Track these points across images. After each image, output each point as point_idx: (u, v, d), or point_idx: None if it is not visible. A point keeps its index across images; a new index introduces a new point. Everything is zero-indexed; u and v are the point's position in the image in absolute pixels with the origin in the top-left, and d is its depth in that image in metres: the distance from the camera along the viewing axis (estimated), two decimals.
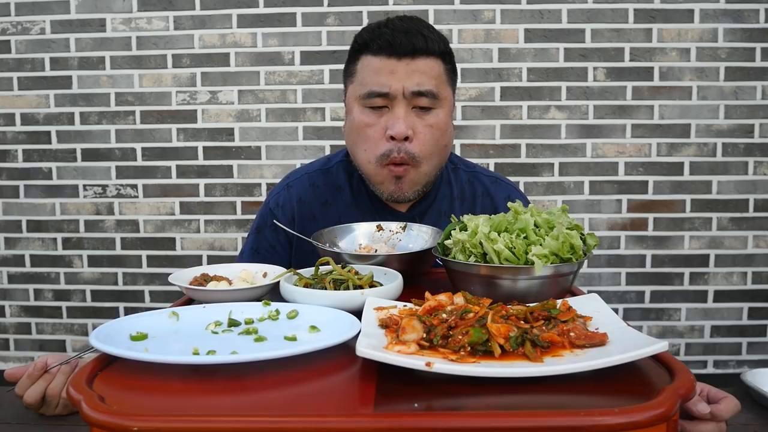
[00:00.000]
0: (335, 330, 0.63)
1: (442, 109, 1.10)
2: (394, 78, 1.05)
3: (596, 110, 2.30)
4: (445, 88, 1.12)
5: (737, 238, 2.33)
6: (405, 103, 1.06)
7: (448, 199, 1.23)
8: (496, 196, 1.25)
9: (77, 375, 0.53)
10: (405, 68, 1.05)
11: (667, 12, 2.24)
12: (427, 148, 1.09)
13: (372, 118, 1.08)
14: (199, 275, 0.89)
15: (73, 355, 0.97)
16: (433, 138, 1.09)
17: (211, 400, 0.50)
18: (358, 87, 1.09)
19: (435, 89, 1.07)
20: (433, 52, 1.08)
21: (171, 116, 2.35)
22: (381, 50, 1.06)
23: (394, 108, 1.06)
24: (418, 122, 1.08)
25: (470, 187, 1.26)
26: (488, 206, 1.24)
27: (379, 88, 1.06)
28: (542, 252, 0.75)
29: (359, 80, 1.10)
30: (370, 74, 1.07)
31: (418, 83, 1.05)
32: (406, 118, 1.06)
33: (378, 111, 1.08)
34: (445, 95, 1.11)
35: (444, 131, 1.12)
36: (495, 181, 1.28)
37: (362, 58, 1.09)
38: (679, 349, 2.37)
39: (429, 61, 1.07)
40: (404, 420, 0.46)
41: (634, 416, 0.44)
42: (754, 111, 2.27)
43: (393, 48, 1.05)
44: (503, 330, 0.56)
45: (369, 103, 1.08)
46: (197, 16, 2.30)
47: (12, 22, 2.32)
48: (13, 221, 2.41)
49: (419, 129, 1.08)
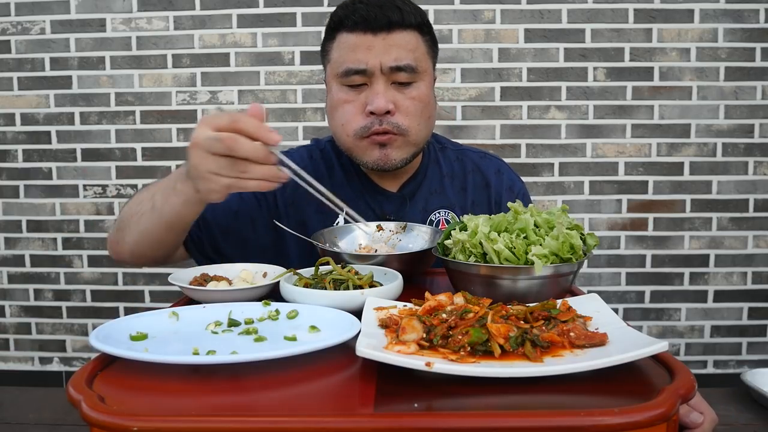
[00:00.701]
0: (335, 330, 0.63)
1: (422, 81, 1.08)
2: (371, 54, 1.03)
3: (596, 110, 2.30)
4: (425, 60, 1.09)
5: (737, 238, 2.33)
6: (384, 78, 1.04)
7: (438, 177, 1.20)
8: (486, 171, 1.23)
9: (77, 375, 0.53)
10: (382, 43, 1.03)
11: (667, 12, 2.24)
12: (413, 119, 1.07)
13: (351, 95, 1.06)
14: (199, 275, 0.89)
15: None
16: (417, 109, 1.07)
17: (211, 400, 0.50)
18: (336, 65, 1.07)
19: (414, 63, 1.05)
20: (409, 25, 1.05)
21: (171, 116, 2.35)
22: (356, 26, 1.04)
23: (373, 84, 1.04)
24: (399, 96, 1.06)
25: (459, 164, 1.24)
26: (479, 181, 1.22)
27: (356, 65, 1.03)
28: (542, 252, 0.75)
29: (336, 58, 1.07)
30: (347, 51, 1.05)
31: (396, 58, 1.03)
32: (386, 92, 1.04)
33: (357, 88, 1.06)
34: (425, 68, 1.08)
35: (427, 103, 1.09)
36: (483, 156, 1.27)
37: (338, 36, 1.07)
38: (679, 349, 2.37)
39: (406, 34, 1.04)
40: (404, 420, 0.46)
41: (634, 416, 0.44)
42: (754, 111, 2.27)
43: (368, 23, 1.02)
44: (503, 330, 0.56)
45: (347, 81, 1.06)
46: (197, 16, 2.30)
47: (12, 22, 2.32)
48: (13, 221, 2.41)
49: (401, 102, 1.06)
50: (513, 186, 1.25)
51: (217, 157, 0.75)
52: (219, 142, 0.73)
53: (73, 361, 2.47)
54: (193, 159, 0.77)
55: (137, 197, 0.97)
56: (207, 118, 0.77)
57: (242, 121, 0.74)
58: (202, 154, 0.75)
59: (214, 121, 0.75)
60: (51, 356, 2.47)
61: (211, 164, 0.75)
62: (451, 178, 1.22)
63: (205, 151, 0.75)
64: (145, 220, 0.92)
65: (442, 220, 1.16)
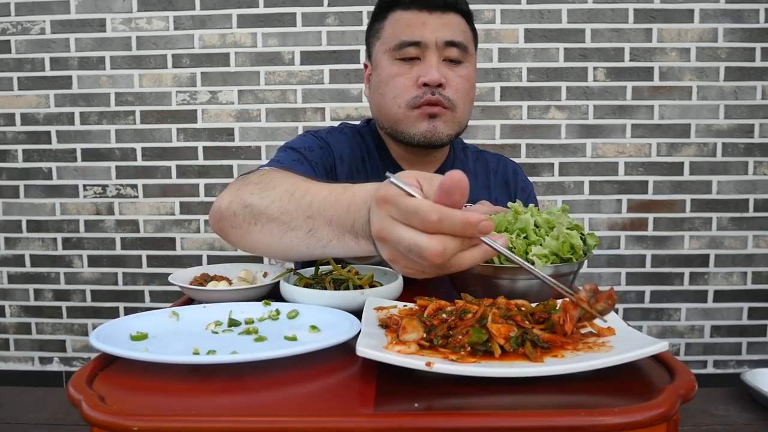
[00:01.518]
0: (335, 330, 0.63)
1: (470, 63, 1.13)
2: (426, 29, 1.07)
3: (596, 110, 2.30)
4: (471, 45, 1.14)
5: (737, 238, 2.33)
6: (437, 53, 1.08)
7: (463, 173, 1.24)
8: (505, 172, 1.30)
9: (77, 375, 0.53)
10: (437, 21, 1.08)
11: (667, 12, 2.24)
12: (461, 96, 1.11)
13: (403, 68, 1.09)
14: (199, 275, 0.89)
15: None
16: (465, 88, 1.11)
17: (211, 400, 0.50)
18: (389, 40, 1.10)
19: (465, 42, 1.10)
20: (461, 10, 1.11)
21: (171, 116, 2.35)
22: (412, 4, 1.08)
23: (426, 58, 1.08)
24: (450, 73, 1.09)
25: (482, 164, 1.30)
26: (500, 181, 1.29)
27: (412, 37, 1.07)
28: (542, 252, 0.75)
29: (389, 33, 1.11)
30: (402, 26, 1.09)
31: (451, 34, 1.08)
32: (440, 67, 1.08)
33: (409, 62, 1.09)
34: (472, 51, 1.14)
35: (473, 85, 1.14)
36: (499, 159, 1.34)
37: (391, 14, 1.11)
38: (679, 349, 2.37)
39: (458, 17, 1.10)
40: (404, 420, 0.46)
41: (634, 416, 0.44)
42: (754, 111, 2.27)
43: (424, 1, 1.07)
44: (503, 330, 0.56)
45: (400, 54, 1.09)
46: (197, 16, 2.30)
47: (12, 22, 2.32)
48: (13, 221, 2.41)
49: (452, 78, 1.09)
50: (525, 187, 1.31)
51: (416, 261, 0.55)
52: (422, 259, 0.53)
53: (73, 361, 2.47)
54: (386, 254, 0.58)
55: (279, 202, 0.77)
56: (391, 204, 0.54)
57: (445, 224, 0.52)
58: (398, 253, 0.56)
59: (405, 217, 0.53)
60: (51, 356, 2.47)
61: (414, 265, 0.57)
62: (474, 175, 1.27)
63: (401, 254, 0.56)
64: (296, 239, 0.75)
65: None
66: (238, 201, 0.82)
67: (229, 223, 0.84)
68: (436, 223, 0.51)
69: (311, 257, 0.77)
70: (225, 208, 0.85)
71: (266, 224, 0.78)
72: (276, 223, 0.76)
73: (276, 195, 0.77)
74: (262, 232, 0.79)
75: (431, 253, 0.52)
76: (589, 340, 0.58)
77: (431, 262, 0.52)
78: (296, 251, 0.77)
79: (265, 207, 0.78)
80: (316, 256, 0.77)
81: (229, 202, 0.84)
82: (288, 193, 0.76)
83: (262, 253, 0.86)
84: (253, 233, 0.80)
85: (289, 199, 0.75)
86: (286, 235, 0.76)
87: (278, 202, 0.76)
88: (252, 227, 0.80)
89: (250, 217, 0.80)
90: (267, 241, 0.79)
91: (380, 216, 0.56)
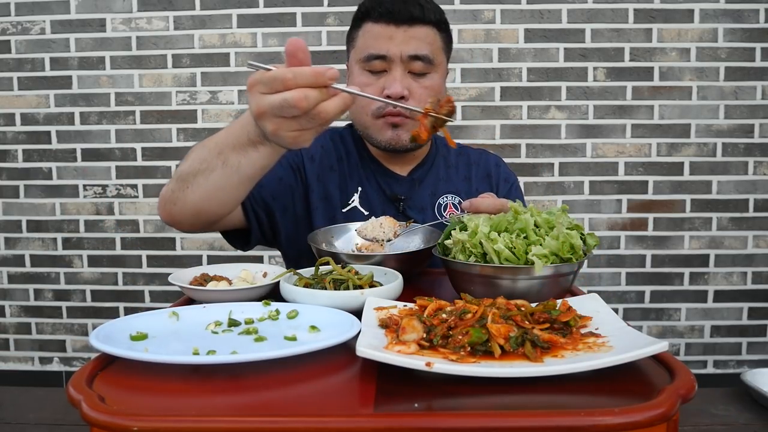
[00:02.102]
0: (335, 330, 0.63)
1: (436, 73, 1.17)
2: (392, 43, 1.12)
3: (596, 110, 2.30)
4: (440, 55, 1.18)
5: (737, 238, 2.33)
6: (402, 66, 1.13)
7: (444, 167, 1.30)
8: (486, 165, 1.34)
9: (77, 375, 0.53)
10: (403, 35, 1.12)
11: (667, 12, 2.24)
12: (424, 105, 1.13)
13: (371, 79, 1.15)
14: (199, 275, 0.89)
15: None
16: (429, 97, 1.14)
17: (211, 400, 0.50)
18: (359, 51, 1.16)
19: (430, 54, 1.14)
20: (429, 21, 1.14)
21: (171, 116, 2.35)
22: (381, 17, 1.13)
23: (391, 70, 1.13)
24: (414, 84, 1.14)
25: (463, 158, 1.34)
26: (481, 173, 1.32)
27: (378, 51, 1.13)
28: (542, 252, 0.75)
29: (360, 45, 1.17)
30: (371, 39, 1.14)
31: (415, 48, 1.12)
32: (403, 79, 1.13)
33: (377, 74, 1.15)
34: (440, 61, 1.18)
35: (438, 93, 1.18)
36: (482, 153, 1.38)
37: (364, 25, 1.16)
38: (679, 349, 2.37)
39: (425, 29, 1.14)
40: (404, 420, 0.46)
41: (634, 416, 0.44)
42: (754, 111, 2.27)
43: (392, 15, 1.12)
44: (503, 330, 0.56)
45: (368, 66, 1.15)
46: (197, 16, 2.30)
47: (12, 22, 2.32)
48: (13, 221, 2.41)
49: (415, 89, 1.14)
50: (508, 177, 1.35)
51: (291, 118, 0.72)
52: (291, 108, 0.70)
53: (73, 361, 2.47)
54: (269, 126, 0.74)
55: (196, 155, 0.93)
56: (257, 82, 0.72)
57: (299, 77, 0.70)
58: (276, 120, 0.73)
59: (269, 84, 0.70)
60: (51, 356, 2.47)
61: (292, 125, 0.73)
62: (456, 169, 1.31)
63: (277, 117, 0.72)
64: (217, 177, 0.89)
65: (449, 204, 1.25)
66: (173, 181, 0.97)
67: (171, 201, 0.97)
68: (292, 80, 0.69)
69: (235, 188, 0.91)
70: (164, 193, 0.99)
71: (194, 180, 0.92)
72: (200, 175, 0.90)
73: (194, 155, 0.94)
74: (193, 189, 0.93)
75: (295, 98, 0.68)
76: (589, 340, 0.58)
77: (299, 107, 0.68)
78: (223, 189, 0.91)
79: (189, 166, 0.93)
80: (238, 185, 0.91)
81: (167, 187, 0.99)
82: (201, 146, 0.93)
83: (199, 209, 0.96)
84: (188, 195, 0.94)
85: (202, 150, 0.92)
86: (209, 180, 0.90)
87: (197, 157, 0.92)
88: (186, 192, 0.94)
89: (182, 184, 0.94)
90: (199, 195, 0.93)
91: (253, 97, 0.73)
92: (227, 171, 0.88)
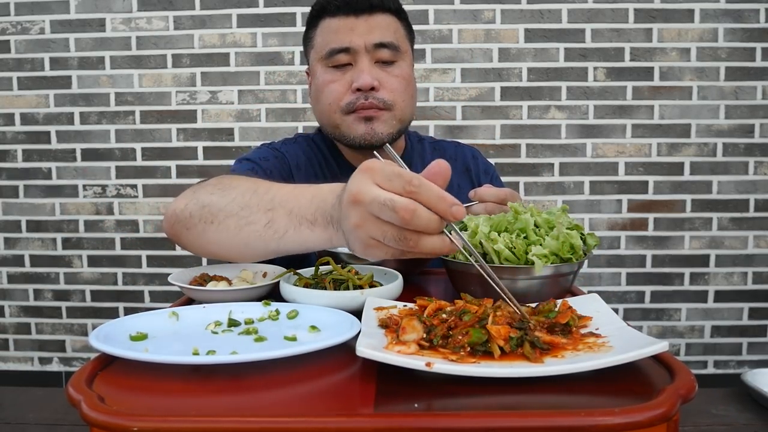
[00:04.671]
0: (335, 330, 0.63)
1: (404, 61, 1.13)
2: (354, 34, 1.07)
3: (596, 110, 2.30)
4: (405, 42, 1.14)
5: (737, 238, 2.33)
6: (368, 56, 1.08)
7: (421, 165, 1.26)
8: (464, 158, 1.30)
9: (77, 375, 0.53)
10: (364, 24, 1.08)
11: (667, 12, 2.24)
12: (397, 95, 1.11)
13: (336, 75, 1.10)
14: (199, 275, 0.89)
15: None
16: (401, 86, 1.12)
17: (211, 400, 0.50)
18: (320, 48, 1.11)
19: (395, 41, 1.10)
20: (388, 9, 1.11)
21: (171, 116, 2.35)
22: (339, 10, 1.08)
23: (357, 62, 1.09)
24: (383, 74, 1.10)
25: (439, 153, 1.30)
26: (460, 167, 1.28)
27: (341, 44, 1.08)
28: (542, 252, 0.75)
29: (320, 42, 1.12)
30: (331, 34, 1.09)
31: (380, 36, 1.08)
32: (371, 70, 1.08)
33: (342, 69, 1.10)
34: (405, 48, 1.14)
35: (409, 81, 1.14)
36: (458, 145, 1.34)
37: (321, 22, 1.12)
38: (679, 349, 2.37)
39: (386, 16, 1.10)
40: (404, 420, 0.46)
41: (634, 416, 0.44)
42: (754, 111, 2.27)
43: (350, 6, 1.08)
44: (503, 331, 0.56)
45: (332, 62, 1.10)
46: (197, 16, 2.30)
47: (12, 22, 2.32)
48: (13, 221, 2.41)
49: (385, 79, 1.10)
50: (488, 169, 1.32)
51: (384, 224, 0.59)
52: (393, 212, 0.57)
53: (72, 361, 2.47)
54: (354, 218, 0.60)
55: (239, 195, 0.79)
56: (375, 171, 0.59)
57: (423, 191, 0.57)
58: (367, 216, 0.59)
59: (389, 178, 0.58)
60: (51, 356, 2.47)
61: (377, 231, 0.59)
62: None
63: (371, 214, 0.59)
64: (252, 233, 0.76)
65: None
66: (195, 202, 0.84)
67: (184, 225, 0.85)
68: (415, 188, 0.56)
69: (264, 253, 0.79)
70: (180, 211, 0.86)
71: (223, 221, 0.79)
72: (234, 218, 0.77)
73: (237, 193, 0.79)
74: (218, 229, 0.80)
75: (403, 206, 0.55)
76: (589, 340, 0.58)
77: (400, 216, 0.55)
78: (251, 246, 0.78)
79: (225, 204, 0.79)
80: (269, 252, 0.78)
81: (185, 204, 0.86)
82: (250, 190, 0.78)
83: (213, 253, 0.86)
84: (208, 232, 0.81)
85: (251, 195, 0.77)
86: (242, 230, 0.77)
87: (239, 198, 0.78)
88: (208, 226, 0.81)
89: (207, 216, 0.81)
90: (222, 238, 0.80)
91: (361, 180, 0.59)
92: (268, 234, 0.74)
